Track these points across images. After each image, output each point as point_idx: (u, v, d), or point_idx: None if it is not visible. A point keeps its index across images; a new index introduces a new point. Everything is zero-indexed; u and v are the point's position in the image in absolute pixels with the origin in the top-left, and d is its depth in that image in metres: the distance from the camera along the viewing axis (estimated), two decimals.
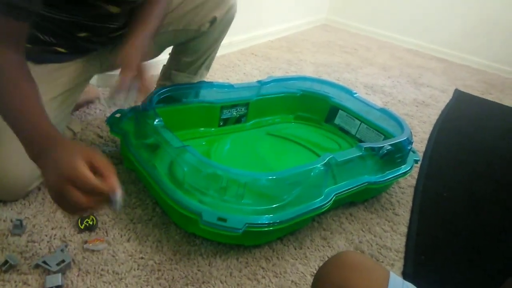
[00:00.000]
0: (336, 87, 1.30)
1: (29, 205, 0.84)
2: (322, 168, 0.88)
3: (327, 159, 0.89)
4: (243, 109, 1.21)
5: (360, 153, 0.95)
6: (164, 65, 1.22)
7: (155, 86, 1.10)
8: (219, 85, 1.17)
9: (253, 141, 1.19)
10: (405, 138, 1.03)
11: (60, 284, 0.67)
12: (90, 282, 0.71)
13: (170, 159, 0.84)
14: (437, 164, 1.32)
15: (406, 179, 1.20)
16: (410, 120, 1.61)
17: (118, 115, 0.97)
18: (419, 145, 1.42)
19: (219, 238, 0.83)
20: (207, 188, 0.79)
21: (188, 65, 1.17)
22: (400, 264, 0.90)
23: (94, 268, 0.74)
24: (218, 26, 1.10)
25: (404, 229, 1.01)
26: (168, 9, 1.00)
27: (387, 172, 1.01)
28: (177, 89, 1.08)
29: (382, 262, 0.89)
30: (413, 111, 1.70)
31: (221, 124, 1.19)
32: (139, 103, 0.94)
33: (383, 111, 1.19)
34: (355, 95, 1.25)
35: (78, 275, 0.72)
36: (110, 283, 0.72)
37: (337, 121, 1.29)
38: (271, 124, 1.29)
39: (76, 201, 0.54)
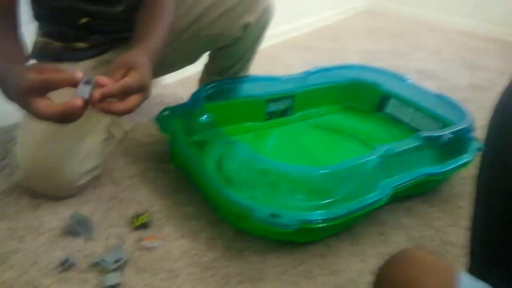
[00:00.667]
0: (386, 74, 1.24)
1: (86, 203, 0.86)
2: (378, 160, 0.83)
3: (383, 150, 0.85)
4: (288, 101, 1.18)
5: (419, 143, 0.89)
6: (204, 66, 1.19)
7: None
8: (264, 78, 1.14)
9: (300, 134, 1.16)
10: (466, 125, 0.96)
11: (119, 282, 0.68)
12: (147, 279, 0.72)
13: (219, 155, 0.83)
14: (501, 153, 1.22)
15: (468, 169, 1.13)
16: (467, 105, 1.49)
17: (166, 112, 0.97)
18: (479, 131, 1.32)
19: (271, 235, 0.81)
20: (258, 183, 0.78)
21: (226, 69, 1.13)
22: (465, 260, 0.84)
23: (150, 265, 0.75)
24: (253, 31, 1.04)
25: (467, 223, 0.94)
26: (177, 13, 0.92)
27: (448, 162, 0.95)
28: (223, 84, 1.07)
29: (446, 258, 0.84)
30: (470, 96, 1.59)
31: (267, 117, 1.17)
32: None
33: (439, 97, 1.12)
34: (407, 81, 1.19)
35: (135, 273, 0.73)
36: (166, 280, 0.72)
37: (388, 109, 1.23)
38: (318, 116, 1.25)
39: (44, 107, 0.56)
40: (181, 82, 1.43)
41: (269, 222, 0.72)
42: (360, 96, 1.26)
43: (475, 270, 0.84)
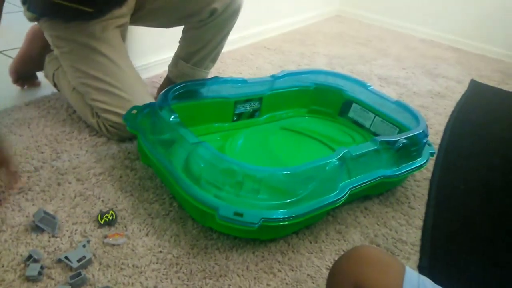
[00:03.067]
0: (350, 80, 1.30)
1: (50, 200, 0.86)
2: (337, 163, 0.88)
3: (342, 153, 0.89)
4: (256, 103, 1.22)
5: (376, 147, 0.95)
6: (175, 51, 1.26)
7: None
8: (233, 80, 1.17)
9: (267, 135, 1.19)
10: (420, 131, 1.03)
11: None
12: (111, 275, 0.73)
13: (186, 154, 0.85)
14: (453, 156, 1.31)
15: (422, 172, 1.20)
16: (425, 111, 1.59)
17: (134, 111, 0.98)
18: (435, 137, 1.41)
19: (235, 233, 0.84)
20: (223, 183, 0.81)
21: (192, 55, 1.21)
22: (416, 257, 0.90)
23: (115, 262, 0.76)
24: (219, 18, 1.13)
25: (419, 222, 1.01)
26: None
27: (403, 165, 1.01)
28: (191, 85, 1.09)
29: (398, 255, 0.89)
30: (428, 103, 1.68)
31: (235, 119, 1.20)
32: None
33: (398, 103, 1.18)
34: (369, 87, 1.25)
35: (99, 269, 0.74)
36: (130, 277, 0.74)
37: (351, 114, 1.29)
38: (285, 118, 1.29)
39: None
40: (149, 81, 1.44)
41: (233, 221, 0.75)
42: (325, 100, 1.31)
43: (425, 266, 0.90)
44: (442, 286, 0.61)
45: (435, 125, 1.49)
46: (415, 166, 1.03)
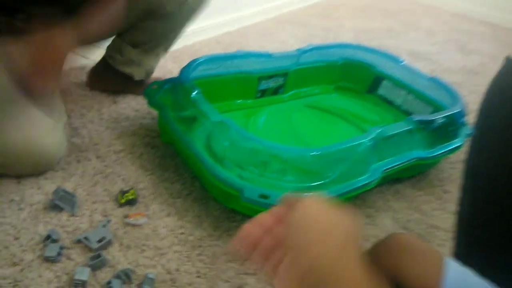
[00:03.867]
0: (381, 55, 1.22)
1: (69, 178, 0.84)
2: (369, 144, 0.82)
3: (375, 133, 0.83)
4: (281, 79, 1.16)
5: (411, 127, 0.88)
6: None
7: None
8: (256, 54, 1.11)
9: (291, 113, 1.14)
10: (459, 109, 0.96)
11: (85, 279, 0.64)
12: (132, 257, 0.71)
13: (208, 132, 0.81)
14: (488, 138, 1.23)
15: (457, 153, 1.13)
16: (458, 89, 1.50)
17: (154, 86, 0.94)
18: (469, 116, 1.32)
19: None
20: (247, 163, 0.76)
21: (144, 43, 1.04)
22: (450, 245, 0.85)
23: (135, 243, 0.73)
24: (186, 9, 1.00)
25: (454, 207, 0.94)
26: None
27: (438, 146, 0.94)
28: (214, 59, 1.04)
29: (431, 242, 0.84)
30: (462, 80, 1.59)
31: (258, 95, 1.14)
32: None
33: (433, 80, 1.10)
34: (401, 63, 1.17)
35: (119, 250, 0.71)
36: (151, 258, 0.71)
37: (381, 91, 1.21)
38: (310, 95, 1.23)
39: None
40: (170, 56, 1.39)
41: (258, 203, 0.71)
42: (353, 77, 1.24)
43: (460, 254, 0.85)
44: (478, 275, 0.57)
45: (470, 104, 1.40)
46: (452, 147, 0.96)
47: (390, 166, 0.86)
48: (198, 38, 1.50)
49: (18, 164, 0.80)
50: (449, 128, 0.96)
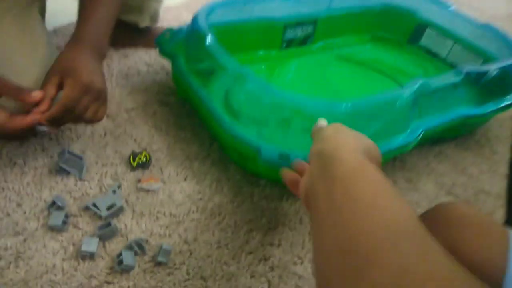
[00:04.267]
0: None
1: (77, 139, 0.76)
2: (410, 98, 0.71)
3: (416, 86, 0.72)
4: (309, 28, 1.03)
5: (459, 79, 0.76)
6: None
7: None
8: None
9: (321, 66, 1.02)
10: None
11: (94, 250, 0.58)
12: (145, 225, 0.64)
13: (227, 86, 0.71)
14: None
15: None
16: None
17: (167, 34, 0.84)
18: None
19: (281, 179, 0.72)
20: (268, 119, 0.67)
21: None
22: (502, 211, 0.75)
23: (149, 210, 0.66)
24: None
25: (504, 169, 0.84)
26: None
27: (488, 103, 0.82)
28: (232, 3, 0.91)
29: (481, 209, 0.74)
30: (508, 28, 1.42)
31: (284, 46, 1.02)
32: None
33: (486, 27, 0.96)
34: (449, 8, 1.02)
35: (132, 218, 0.65)
36: (167, 227, 0.64)
37: (423, 41, 1.07)
38: (343, 46, 1.10)
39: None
40: (184, 5, 1.27)
41: (277, 164, 0.61)
42: (392, 25, 1.10)
43: None
44: None
45: None
46: (504, 104, 0.84)
47: (433, 125, 0.75)
48: None
49: None
50: (501, 82, 0.83)
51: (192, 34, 0.79)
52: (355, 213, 0.32)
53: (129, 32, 0.99)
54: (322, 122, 0.54)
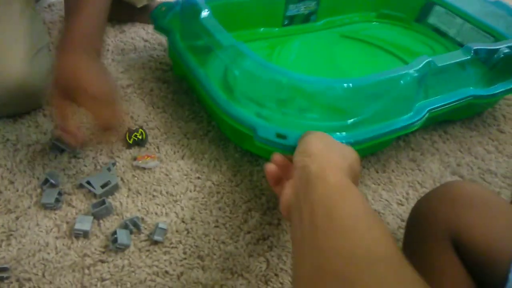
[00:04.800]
0: None
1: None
2: (415, 75, 0.68)
3: (422, 63, 0.69)
4: (313, 3, 0.99)
5: (468, 57, 0.73)
6: None
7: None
8: None
9: (324, 45, 0.98)
10: None
11: (87, 229, 0.56)
12: (141, 204, 0.62)
13: (224, 63, 0.69)
14: None
15: None
16: None
17: (163, 8, 0.81)
18: None
19: None
20: (266, 98, 0.64)
21: None
22: (508, 192, 0.73)
23: (146, 188, 0.65)
24: None
25: (511, 149, 0.82)
26: None
27: (498, 84, 0.79)
28: None
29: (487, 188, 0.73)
30: None
31: (286, 23, 0.99)
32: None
33: (498, 4, 0.92)
34: None
35: (127, 196, 0.63)
36: (163, 206, 0.63)
37: (431, 19, 1.03)
38: (348, 24, 1.06)
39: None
40: None
41: (274, 144, 0.59)
42: (399, 2, 1.06)
43: None
44: None
45: None
46: None
47: (439, 105, 0.71)
48: None
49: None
50: (511, 62, 0.80)
51: (187, 8, 0.76)
52: (336, 236, 0.33)
53: (126, 9, 0.96)
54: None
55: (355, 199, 0.37)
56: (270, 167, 0.53)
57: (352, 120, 0.64)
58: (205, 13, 0.71)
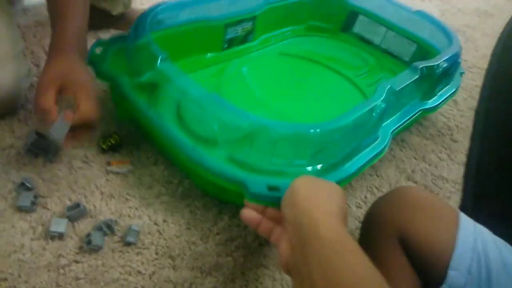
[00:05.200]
0: None
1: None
2: (383, 106, 0.69)
3: (385, 91, 0.69)
4: (249, 24, 0.98)
5: (418, 76, 0.77)
6: None
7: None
8: None
9: (266, 65, 0.99)
10: (457, 50, 0.85)
11: (63, 231, 0.59)
12: (115, 207, 0.65)
13: (176, 101, 0.64)
14: (501, 83, 1.15)
15: (466, 100, 1.06)
16: (471, 32, 1.40)
17: (98, 50, 0.75)
18: (481, 60, 1.24)
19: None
20: (241, 143, 0.60)
21: None
22: (457, 197, 0.80)
23: (119, 192, 0.67)
24: None
25: (462, 157, 0.89)
26: None
27: (439, 93, 0.86)
28: (168, 8, 0.82)
29: (438, 194, 0.79)
30: (475, 22, 1.48)
31: (225, 46, 0.96)
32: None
33: (419, 14, 0.97)
34: None
35: (101, 200, 0.66)
36: (136, 209, 0.66)
37: (356, 29, 1.08)
38: (281, 40, 1.07)
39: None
40: None
41: (268, 198, 0.52)
42: (325, 13, 1.10)
43: (468, 206, 0.80)
44: (486, 227, 0.52)
45: (482, 48, 1.31)
46: (452, 91, 0.88)
47: (398, 125, 0.75)
48: None
49: None
50: (449, 72, 0.86)
51: (132, 43, 0.72)
52: None
53: (102, 17, 0.98)
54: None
55: (349, 252, 0.38)
56: (247, 214, 0.50)
57: (332, 161, 0.64)
58: (161, 57, 0.66)
